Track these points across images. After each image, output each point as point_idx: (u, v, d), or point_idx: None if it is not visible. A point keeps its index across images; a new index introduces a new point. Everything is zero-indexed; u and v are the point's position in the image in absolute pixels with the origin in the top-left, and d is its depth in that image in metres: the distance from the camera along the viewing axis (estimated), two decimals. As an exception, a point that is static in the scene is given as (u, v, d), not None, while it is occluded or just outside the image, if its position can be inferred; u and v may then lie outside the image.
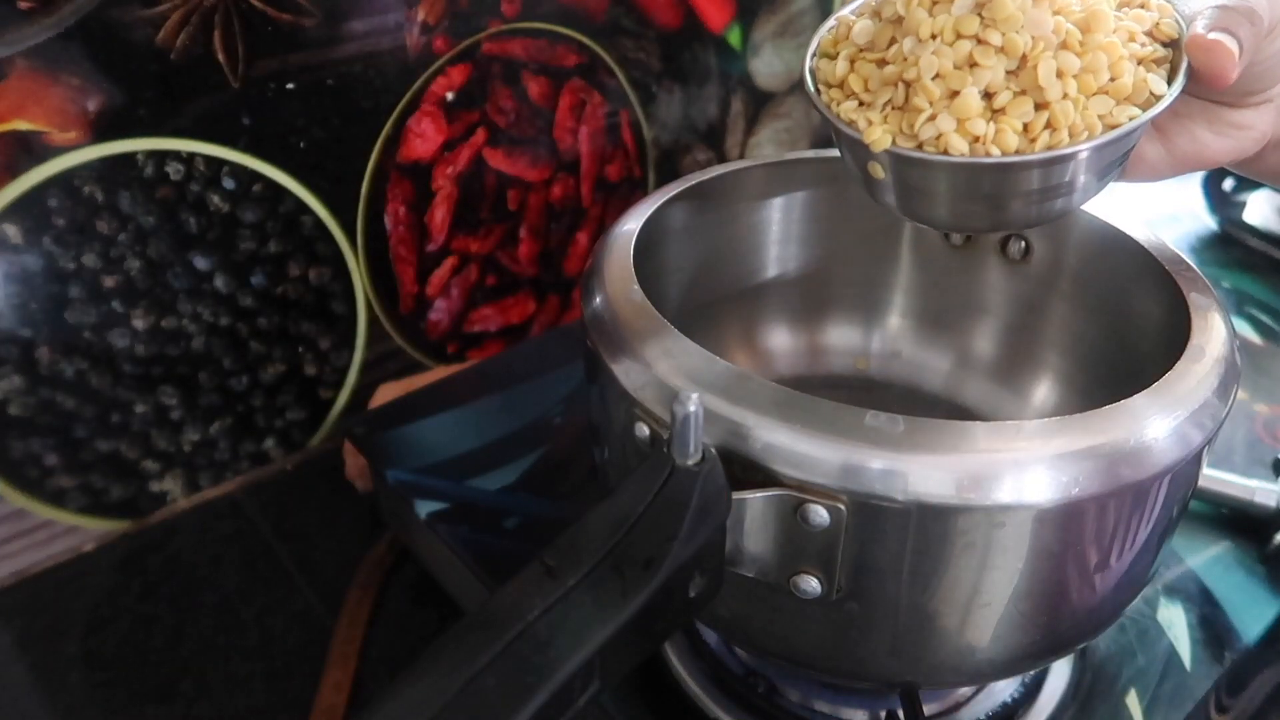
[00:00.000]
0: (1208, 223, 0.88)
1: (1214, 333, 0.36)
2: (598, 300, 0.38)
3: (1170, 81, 0.34)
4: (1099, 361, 0.46)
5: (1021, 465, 0.30)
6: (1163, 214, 0.89)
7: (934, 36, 0.33)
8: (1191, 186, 0.90)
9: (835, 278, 0.52)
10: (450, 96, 0.61)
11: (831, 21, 0.38)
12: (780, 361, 0.53)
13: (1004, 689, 0.44)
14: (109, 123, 0.49)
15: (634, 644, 0.29)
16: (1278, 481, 0.54)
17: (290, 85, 0.54)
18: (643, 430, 0.34)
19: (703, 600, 0.32)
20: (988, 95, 0.33)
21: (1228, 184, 0.88)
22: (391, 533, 0.57)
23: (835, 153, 0.51)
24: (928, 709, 0.42)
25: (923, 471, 0.30)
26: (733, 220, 0.50)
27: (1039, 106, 0.33)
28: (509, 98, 0.63)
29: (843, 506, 0.31)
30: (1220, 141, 0.37)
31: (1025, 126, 0.33)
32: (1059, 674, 0.45)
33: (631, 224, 0.42)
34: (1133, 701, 0.44)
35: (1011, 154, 0.33)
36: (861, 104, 0.35)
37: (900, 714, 0.40)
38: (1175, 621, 0.48)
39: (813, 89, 0.37)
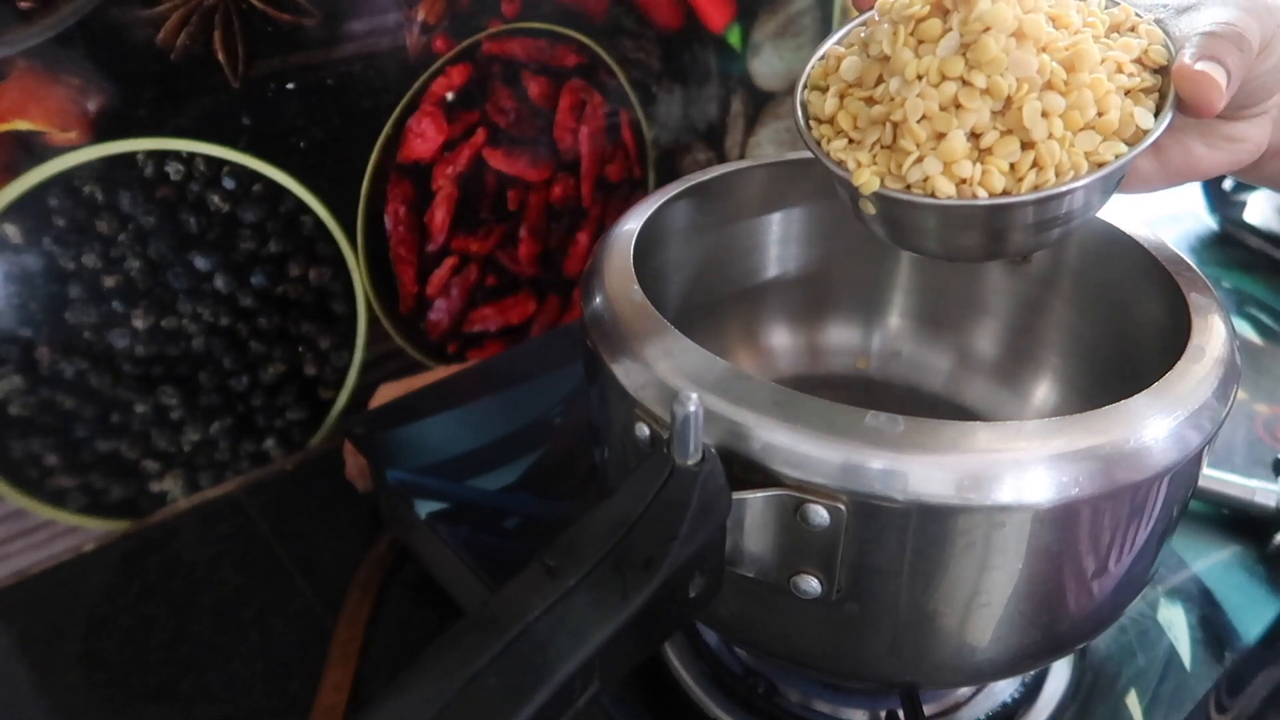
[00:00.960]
0: (1208, 223, 0.88)
1: (1214, 333, 0.36)
2: (598, 300, 0.38)
3: (1159, 110, 0.33)
4: (1099, 361, 0.46)
5: (1021, 465, 0.30)
6: (1163, 214, 0.89)
7: (920, 77, 0.33)
8: (1191, 186, 0.90)
9: (835, 278, 0.52)
10: (450, 96, 0.61)
11: (820, 53, 0.38)
12: (780, 361, 0.53)
13: (1004, 689, 0.44)
14: (109, 123, 0.49)
15: (634, 644, 0.29)
16: (1278, 481, 0.54)
17: (290, 85, 0.54)
18: (643, 430, 0.34)
19: (703, 600, 0.32)
20: (974, 135, 0.33)
21: (1228, 184, 0.88)
22: (391, 533, 0.57)
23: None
24: (928, 709, 0.42)
25: (923, 471, 0.30)
26: (733, 220, 0.50)
27: (1025, 146, 0.33)
28: (509, 98, 0.63)
29: (843, 506, 0.31)
30: (1214, 154, 0.37)
31: (1012, 166, 0.33)
32: (1059, 674, 0.45)
33: (631, 224, 0.42)
34: (1133, 702, 0.44)
35: (998, 195, 0.33)
36: (851, 141, 0.36)
37: (900, 714, 0.40)
38: (1175, 622, 0.48)
39: (803, 124, 0.37)
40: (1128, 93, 0.34)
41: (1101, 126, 0.33)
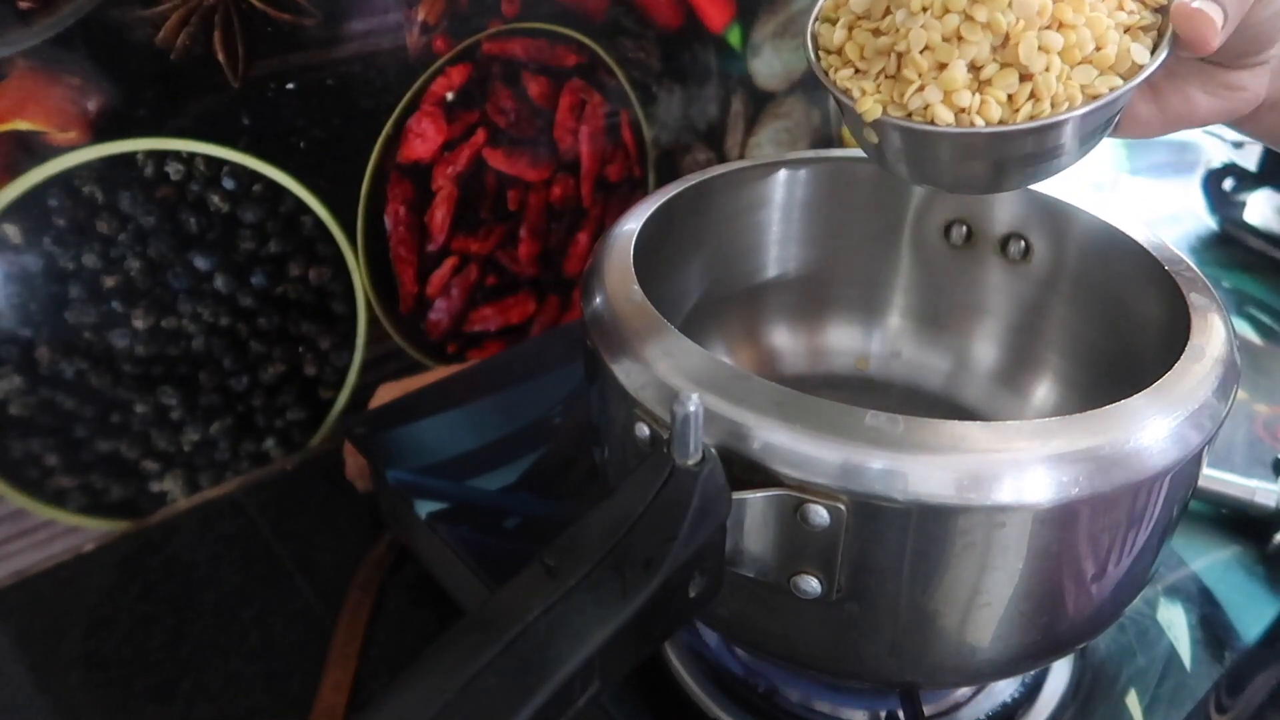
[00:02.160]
0: (1208, 223, 0.88)
1: (1214, 333, 0.36)
2: (598, 300, 0.38)
3: (1156, 48, 0.34)
4: (1099, 362, 0.46)
5: (1021, 465, 0.30)
6: (1163, 214, 0.89)
7: (924, 9, 0.34)
8: (1191, 186, 0.90)
9: (835, 278, 0.52)
10: (450, 96, 0.61)
11: None
12: (781, 361, 0.53)
13: (1004, 689, 0.44)
14: (109, 123, 0.49)
15: (634, 644, 0.29)
16: (1278, 481, 0.54)
17: (290, 85, 0.54)
18: (643, 430, 0.34)
19: (703, 600, 0.32)
20: (974, 67, 0.34)
21: (1228, 184, 0.88)
22: (391, 533, 0.57)
23: (836, 152, 0.51)
24: (928, 709, 0.42)
25: (923, 471, 0.30)
26: (733, 220, 0.50)
27: (1024, 77, 0.33)
28: (509, 98, 0.64)
29: (843, 506, 0.31)
30: (1213, 102, 0.37)
31: (1010, 97, 0.34)
32: (1059, 674, 0.45)
33: (631, 224, 0.42)
34: (1133, 701, 0.44)
35: (995, 124, 0.34)
36: (858, 71, 0.36)
37: (900, 714, 0.40)
38: (1175, 621, 0.48)
39: (813, 55, 0.38)
40: (1126, 29, 0.34)
41: (1098, 60, 0.34)
